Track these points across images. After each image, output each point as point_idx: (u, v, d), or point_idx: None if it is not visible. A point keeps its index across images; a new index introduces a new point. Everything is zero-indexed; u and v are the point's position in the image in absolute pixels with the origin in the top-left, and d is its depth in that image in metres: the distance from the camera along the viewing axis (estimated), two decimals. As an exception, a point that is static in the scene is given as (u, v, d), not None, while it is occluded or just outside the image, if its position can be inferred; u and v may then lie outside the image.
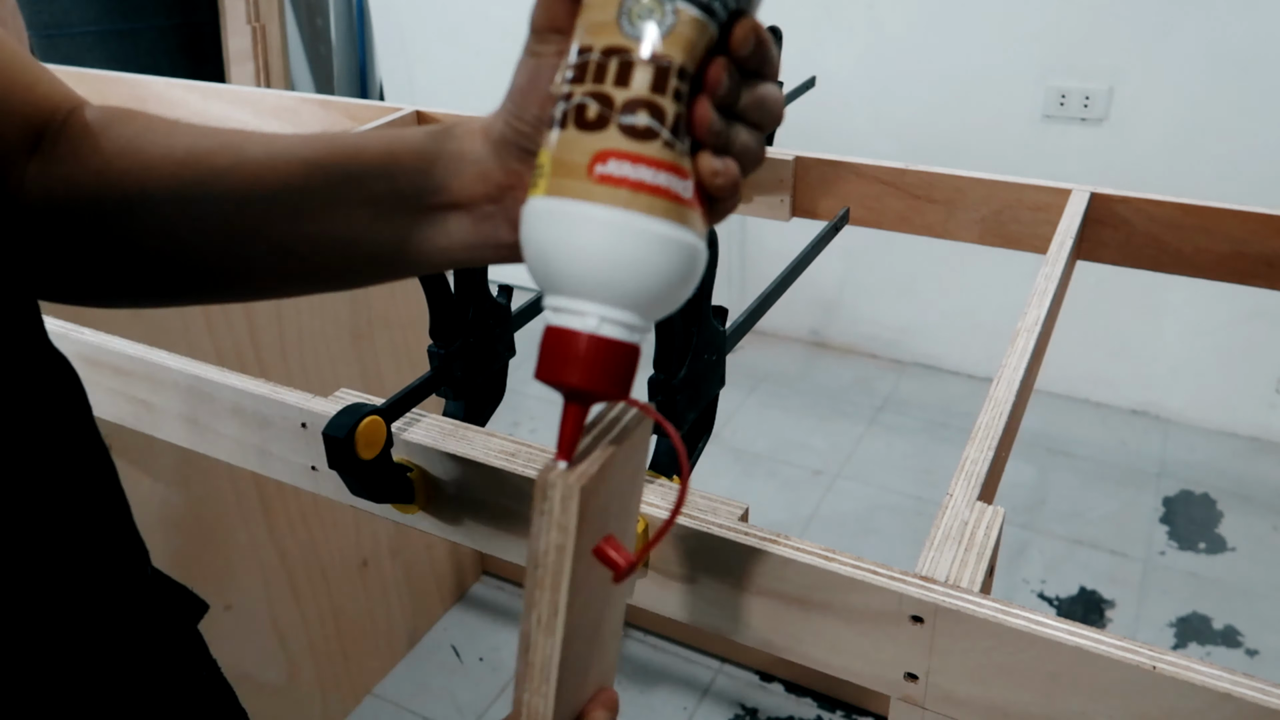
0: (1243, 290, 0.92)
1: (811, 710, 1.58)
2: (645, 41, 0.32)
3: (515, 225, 0.40)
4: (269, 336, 1.28)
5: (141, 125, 0.45)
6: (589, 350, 0.33)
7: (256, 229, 0.43)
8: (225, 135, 0.44)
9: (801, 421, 2.33)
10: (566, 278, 0.33)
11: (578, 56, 0.33)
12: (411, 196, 0.41)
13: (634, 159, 0.32)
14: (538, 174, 0.34)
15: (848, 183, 0.99)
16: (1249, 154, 1.96)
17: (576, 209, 0.33)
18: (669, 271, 0.34)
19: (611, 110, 0.32)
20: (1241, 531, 1.95)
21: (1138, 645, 0.42)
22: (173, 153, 0.43)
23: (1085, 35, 2.01)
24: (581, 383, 0.33)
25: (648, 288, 0.33)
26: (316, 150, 0.42)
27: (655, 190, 0.33)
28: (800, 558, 0.48)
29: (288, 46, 2.89)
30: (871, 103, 2.26)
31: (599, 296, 0.33)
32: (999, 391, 0.60)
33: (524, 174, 0.39)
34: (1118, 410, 2.33)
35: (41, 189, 0.43)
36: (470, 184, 0.40)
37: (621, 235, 0.33)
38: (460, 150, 0.40)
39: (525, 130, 0.38)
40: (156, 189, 0.43)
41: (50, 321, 0.74)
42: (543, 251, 0.34)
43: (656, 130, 0.33)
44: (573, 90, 0.33)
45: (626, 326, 0.34)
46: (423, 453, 0.59)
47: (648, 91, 0.32)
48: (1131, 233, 0.91)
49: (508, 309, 0.67)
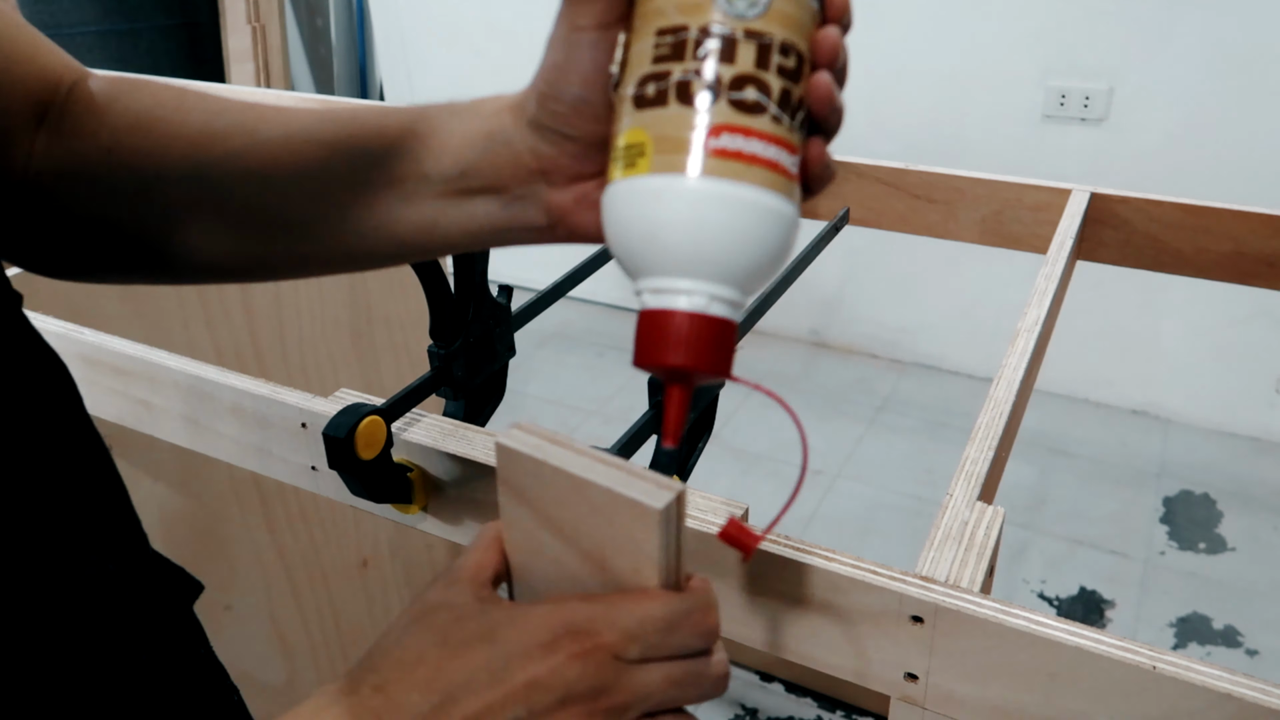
0: (1243, 290, 0.92)
1: (811, 710, 1.58)
2: (745, 19, 0.32)
3: (545, 208, 0.39)
4: (269, 336, 1.28)
5: (149, 99, 0.44)
6: (701, 329, 0.33)
7: (276, 212, 0.42)
8: (238, 113, 0.43)
9: (802, 421, 2.33)
10: (675, 256, 0.33)
11: (669, 35, 0.33)
12: (437, 179, 0.40)
13: (746, 132, 0.32)
14: (630, 153, 0.34)
15: (848, 183, 0.99)
16: (1249, 154, 1.96)
17: (692, 185, 0.32)
18: (777, 245, 0.34)
19: (720, 86, 0.32)
20: (1241, 531, 1.95)
21: (1138, 645, 0.42)
22: (184, 132, 0.42)
23: (1085, 35, 2.01)
24: (693, 363, 0.33)
25: (756, 261, 0.33)
26: (336, 130, 0.41)
27: (768, 164, 0.33)
28: (800, 558, 0.48)
29: (288, 46, 2.89)
30: (871, 103, 2.26)
31: (709, 274, 0.33)
32: (999, 391, 0.60)
33: (558, 158, 0.37)
34: (1118, 410, 2.33)
35: (51, 163, 0.42)
36: (500, 167, 0.39)
37: (738, 209, 0.32)
38: (488, 129, 0.39)
39: (561, 112, 0.36)
40: (170, 170, 0.42)
41: (50, 321, 0.74)
42: (649, 231, 0.33)
43: (765, 104, 0.33)
44: (668, 69, 0.33)
45: (732, 304, 0.34)
46: (423, 453, 0.59)
47: (753, 67, 0.33)
48: (1131, 233, 0.91)
49: (508, 309, 0.67)
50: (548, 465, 0.34)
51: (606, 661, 0.34)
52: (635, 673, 0.34)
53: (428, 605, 0.36)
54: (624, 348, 2.61)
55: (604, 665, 0.33)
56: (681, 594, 0.35)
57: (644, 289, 0.34)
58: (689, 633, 0.35)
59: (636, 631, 0.34)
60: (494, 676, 0.33)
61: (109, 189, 0.43)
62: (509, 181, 0.39)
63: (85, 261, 0.46)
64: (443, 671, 0.33)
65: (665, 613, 0.34)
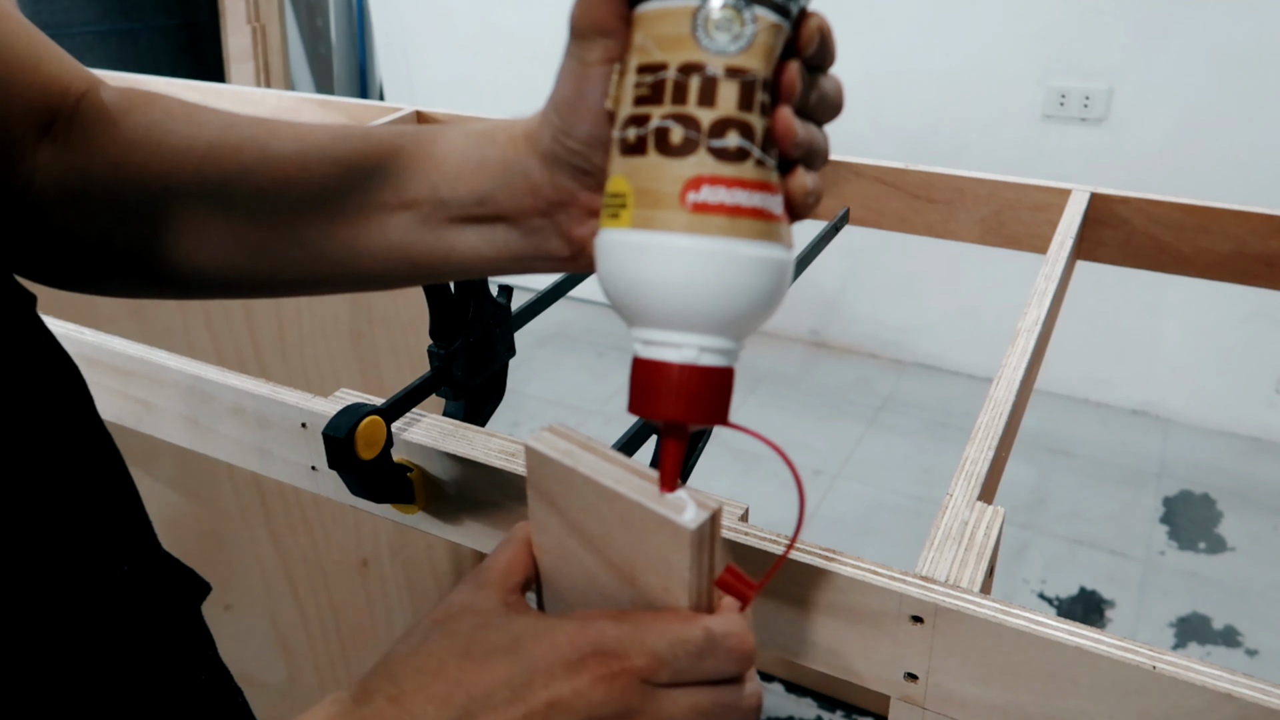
0: (1243, 290, 0.92)
1: (811, 710, 1.58)
2: (727, 55, 0.30)
3: (568, 240, 0.38)
4: (269, 336, 1.28)
5: (160, 113, 0.42)
6: (690, 381, 0.32)
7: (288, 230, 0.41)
8: (250, 128, 0.42)
9: (801, 421, 2.33)
10: (661, 311, 0.32)
11: (648, 74, 0.31)
12: (453, 204, 0.38)
13: (729, 183, 0.30)
14: (614, 203, 0.32)
15: (848, 183, 0.99)
16: (1249, 154, 1.96)
17: (671, 241, 0.31)
18: (767, 292, 0.32)
19: (699, 133, 0.30)
20: (1241, 531, 1.95)
21: (1138, 645, 0.42)
22: (195, 146, 0.41)
23: (1085, 35, 2.01)
24: (684, 416, 0.32)
25: (747, 312, 0.32)
26: (349, 148, 0.40)
27: (750, 212, 0.31)
28: (800, 558, 0.48)
29: (288, 46, 2.89)
30: (871, 103, 2.26)
31: (697, 327, 0.32)
32: (999, 391, 0.60)
33: (576, 191, 0.36)
34: (1118, 410, 2.33)
35: (55, 177, 0.41)
36: (518, 197, 0.37)
37: (721, 265, 0.31)
38: (504, 159, 0.38)
39: (576, 149, 0.35)
40: (180, 186, 0.41)
41: (51, 321, 0.74)
42: (631, 286, 0.32)
43: (748, 150, 0.31)
44: (648, 112, 0.31)
45: (725, 353, 0.32)
46: (423, 453, 0.59)
47: (735, 109, 0.30)
48: (1131, 233, 0.91)
49: (508, 309, 0.67)
50: (577, 473, 0.33)
51: (633, 685, 0.32)
52: (663, 698, 0.33)
53: (452, 609, 0.35)
54: (624, 348, 2.61)
55: (630, 689, 0.32)
56: (715, 617, 0.33)
57: (636, 338, 0.33)
58: (722, 659, 0.33)
59: (666, 655, 0.33)
60: (515, 693, 0.32)
61: (116, 204, 0.42)
62: (528, 211, 0.38)
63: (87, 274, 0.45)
64: (461, 685, 0.32)
65: (698, 637, 0.33)
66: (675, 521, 0.31)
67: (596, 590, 0.35)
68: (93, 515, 0.41)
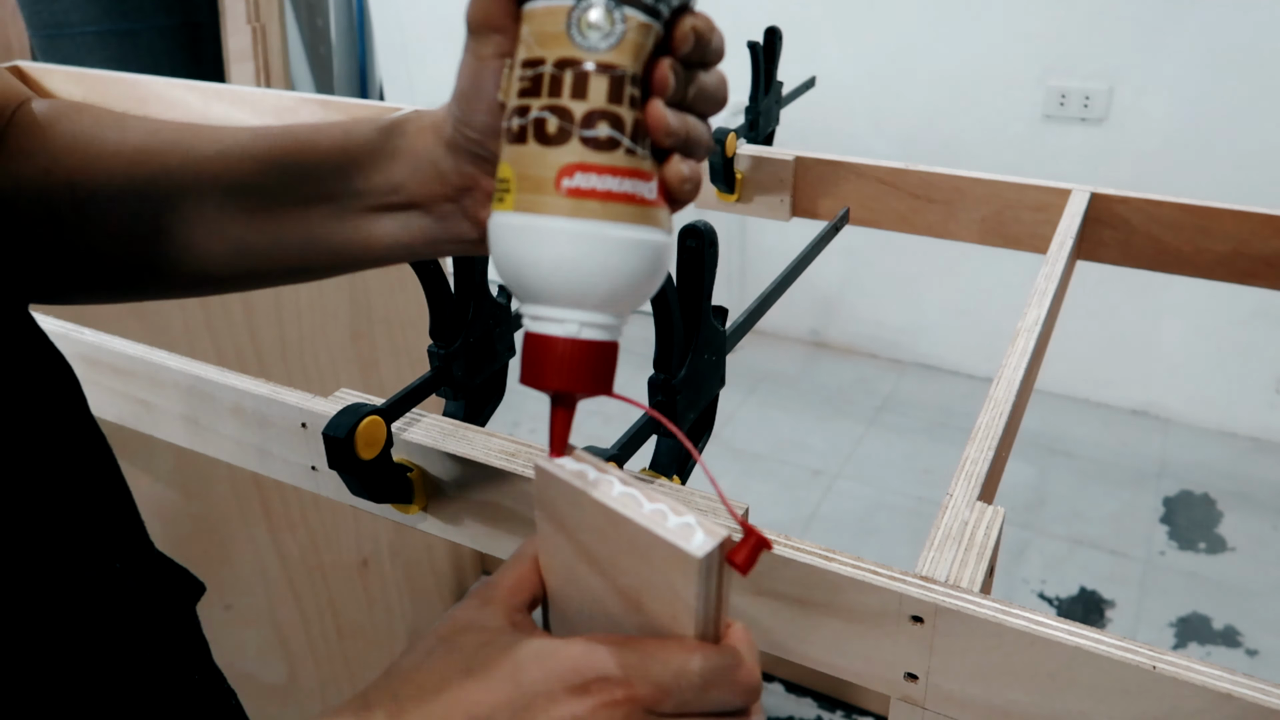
0: (1243, 290, 0.92)
1: (811, 710, 1.58)
2: (598, 52, 0.33)
3: (476, 223, 0.40)
4: (269, 336, 1.28)
5: (89, 121, 0.44)
6: (572, 354, 0.34)
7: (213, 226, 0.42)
8: (176, 132, 0.43)
9: (801, 421, 2.33)
10: (543, 288, 0.34)
11: (529, 69, 0.33)
12: (368, 194, 0.41)
13: (599, 170, 0.33)
14: (501, 187, 0.35)
15: (848, 183, 0.99)
16: (1249, 154, 1.96)
17: (547, 224, 0.33)
18: (641, 271, 0.34)
19: (572, 123, 0.33)
20: (1241, 531, 1.95)
21: (1138, 645, 0.42)
22: (122, 151, 0.43)
23: (1085, 35, 2.01)
24: (567, 385, 0.34)
25: (623, 290, 0.34)
26: (270, 146, 0.42)
27: (622, 197, 0.33)
28: (800, 558, 0.48)
29: (288, 46, 2.89)
30: (871, 103, 2.26)
31: (576, 303, 0.34)
32: (999, 391, 0.60)
33: (479, 176, 0.38)
34: (1118, 410, 2.33)
35: None
36: (427, 184, 0.40)
37: (594, 245, 0.33)
38: (413, 149, 0.40)
39: (475, 137, 0.37)
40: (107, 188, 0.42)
41: (50, 322, 0.74)
42: (516, 265, 0.34)
43: (618, 139, 0.33)
44: (528, 104, 0.33)
45: (605, 328, 0.35)
46: (423, 453, 0.59)
47: (605, 102, 0.33)
48: (1131, 233, 0.91)
49: (508, 309, 0.67)
50: (586, 495, 0.33)
51: (636, 715, 0.32)
52: None
53: (457, 625, 0.35)
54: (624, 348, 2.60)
55: (633, 718, 0.32)
56: (721, 647, 0.33)
57: (525, 314, 0.35)
58: (726, 690, 0.33)
59: (671, 686, 0.32)
60: (515, 716, 0.32)
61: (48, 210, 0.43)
62: (438, 197, 0.40)
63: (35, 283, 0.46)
64: (461, 704, 0.32)
65: (703, 668, 0.33)
66: (683, 549, 0.31)
67: (603, 614, 0.35)
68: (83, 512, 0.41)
